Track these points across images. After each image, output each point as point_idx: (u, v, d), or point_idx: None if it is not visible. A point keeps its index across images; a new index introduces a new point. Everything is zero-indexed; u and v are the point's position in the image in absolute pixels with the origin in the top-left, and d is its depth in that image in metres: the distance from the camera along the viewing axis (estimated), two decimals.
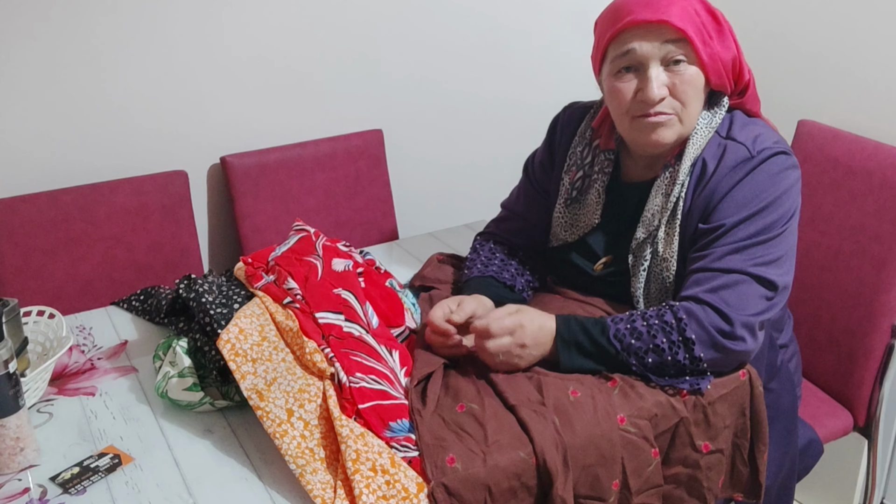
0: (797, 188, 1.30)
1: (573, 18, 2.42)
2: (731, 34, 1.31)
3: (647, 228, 1.35)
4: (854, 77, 1.98)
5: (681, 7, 1.25)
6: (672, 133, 1.30)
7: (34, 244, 1.88)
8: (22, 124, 1.88)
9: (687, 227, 1.32)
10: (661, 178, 1.34)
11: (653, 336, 1.23)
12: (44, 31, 1.84)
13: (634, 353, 1.23)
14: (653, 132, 1.30)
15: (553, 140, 1.52)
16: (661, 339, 1.22)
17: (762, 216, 1.25)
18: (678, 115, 1.29)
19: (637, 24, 1.25)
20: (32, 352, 1.40)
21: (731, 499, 1.33)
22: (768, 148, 1.28)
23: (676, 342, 1.22)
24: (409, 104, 2.33)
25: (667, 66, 1.27)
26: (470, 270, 1.48)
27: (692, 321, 1.22)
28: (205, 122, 2.07)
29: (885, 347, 1.66)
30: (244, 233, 2.11)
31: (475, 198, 2.42)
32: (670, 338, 1.22)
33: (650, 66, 1.26)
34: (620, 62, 1.29)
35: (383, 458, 1.09)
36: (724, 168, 1.29)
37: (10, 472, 1.15)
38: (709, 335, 1.21)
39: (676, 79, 1.27)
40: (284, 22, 2.08)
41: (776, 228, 1.26)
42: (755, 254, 1.25)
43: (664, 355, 1.22)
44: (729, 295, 1.23)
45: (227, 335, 1.23)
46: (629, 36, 1.27)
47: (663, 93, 1.27)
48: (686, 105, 1.29)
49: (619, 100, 1.30)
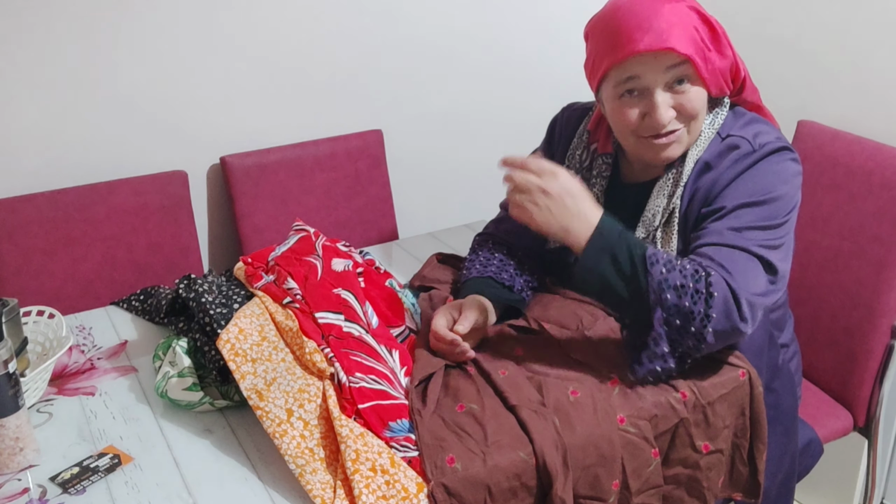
0: (798, 182, 1.30)
1: (572, 19, 2.41)
2: (726, 39, 1.30)
3: (647, 229, 1.35)
4: (854, 77, 1.98)
5: (681, 28, 1.23)
6: (681, 148, 1.32)
7: (34, 244, 1.88)
8: (22, 124, 1.88)
9: (687, 222, 1.32)
10: (664, 179, 1.34)
11: (682, 275, 1.18)
12: (43, 31, 1.84)
13: (656, 279, 1.18)
14: (662, 151, 1.31)
15: (552, 140, 1.53)
16: (688, 283, 1.18)
17: (764, 206, 1.25)
18: (687, 128, 1.30)
19: (637, 54, 1.24)
20: (32, 352, 1.40)
21: (730, 499, 1.33)
22: (770, 143, 1.29)
23: (701, 293, 1.18)
24: (409, 104, 2.32)
25: (670, 88, 1.27)
26: (468, 271, 1.48)
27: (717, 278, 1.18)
28: (205, 122, 2.07)
29: (885, 347, 1.66)
30: (244, 233, 2.11)
31: (475, 198, 2.42)
32: (698, 288, 1.18)
33: (656, 92, 1.26)
34: (624, 87, 1.28)
35: (383, 458, 1.09)
36: (727, 162, 1.29)
37: (10, 472, 1.15)
38: (727, 305, 1.18)
39: (682, 98, 1.27)
40: (284, 22, 2.08)
41: (777, 218, 1.26)
42: (758, 236, 1.24)
43: (683, 299, 1.18)
44: (734, 268, 1.20)
45: (226, 335, 1.23)
46: (631, 64, 1.26)
47: (671, 115, 1.27)
48: (694, 119, 1.29)
49: (625, 121, 1.30)
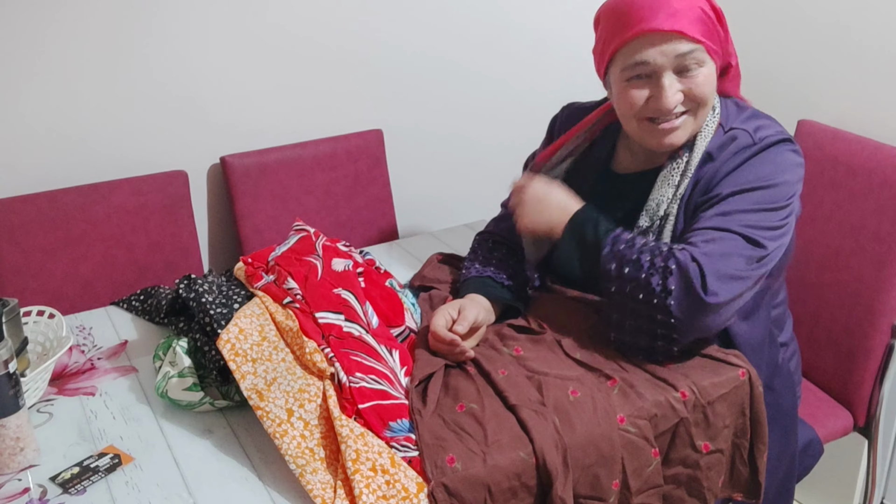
0: (800, 173, 1.30)
1: (575, 19, 2.42)
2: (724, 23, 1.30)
3: (652, 218, 1.34)
4: (854, 77, 1.98)
5: (692, 11, 1.23)
6: (685, 134, 1.31)
7: (34, 244, 1.88)
8: (22, 124, 1.88)
9: (686, 212, 1.32)
10: (669, 169, 1.33)
11: (640, 251, 1.24)
12: (43, 32, 1.84)
13: (616, 256, 1.25)
14: (665, 137, 1.30)
15: (552, 139, 1.53)
16: (645, 257, 1.23)
17: (759, 192, 1.25)
18: (693, 113, 1.29)
19: (649, 33, 1.23)
20: (32, 352, 1.40)
21: (730, 499, 1.33)
22: (771, 136, 1.29)
23: (658, 266, 1.21)
24: (409, 104, 2.32)
25: (679, 72, 1.26)
26: (468, 270, 1.48)
27: (682, 254, 1.21)
28: (205, 122, 2.07)
29: (885, 347, 1.66)
30: (244, 233, 2.11)
31: (475, 198, 2.42)
32: (654, 262, 1.22)
33: (664, 76, 1.26)
34: (632, 71, 1.27)
35: (383, 458, 1.09)
36: (727, 154, 1.29)
37: (10, 472, 1.15)
38: (685, 275, 1.20)
39: (691, 83, 1.26)
40: (283, 22, 2.08)
41: (777, 202, 1.26)
42: (748, 219, 1.24)
43: (641, 269, 1.22)
44: (711, 247, 1.22)
45: (226, 335, 1.23)
46: (640, 45, 1.25)
47: (679, 99, 1.27)
48: (702, 104, 1.29)
49: (630, 104, 1.30)
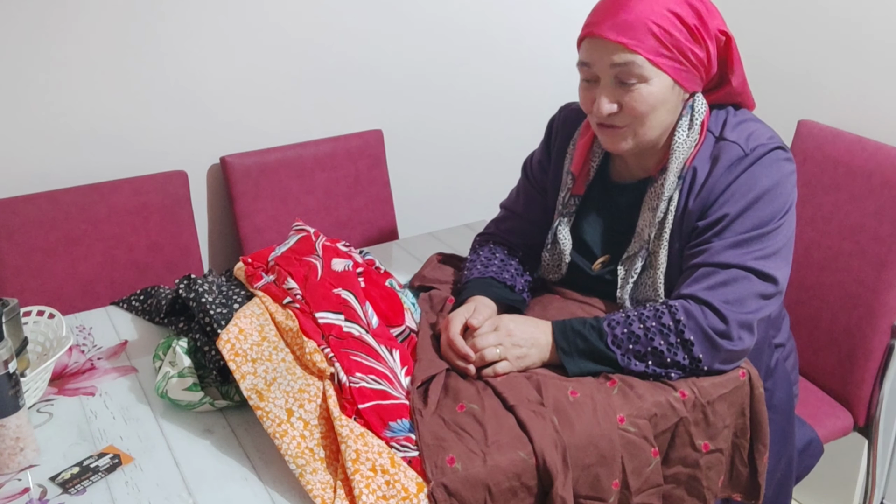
0: (792, 180, 1.29)
1: (574, 19, 2.41)
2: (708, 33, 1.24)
3: (640, 243, 1.35)
4: (854, 77, 1.98)
5: (643, 26, 1.20)
6: (627, 144, 1.31)
7: (34, 244, 1.88)
8: (22, 124, 1.88)
9: (682, 231, 1.32)
10: (648, 194, 1.34)
11: (650, 339, 1.23)
12: (43, 33, 1.84)
13: (634, 356, 1.23)
14: (609, 140, 1.32)
15: (550, 140, 1.53)
16: (658, 341, 1.22)
17: (759, 208, 1.25)
18: (631, 127, 1.28)
19: (594, 37, 1.24)
20: (32, 352, 1.40)
21: (730, 499, 1.33)
22: (763, 144, 1.28)
23: (675, 344, 1.22)
24: (409, 104, 2.32)
25: (619, 82, 1.25)
26: (470, 271, 1.48)
27: (690, 322, 1.22)
28: (205, 123, 2.07)
29: (885, 347, 1.66)
30: (244, 233, 2.11)
31: (475, 198, 2.42)
32: (668, 340, 1.22)
33: (601, 82, 1.26)
34: (580, 70, 1.30)
35: (383, 458, 1.09)
36: (720, 169, 1.28)
37: (10, 472, 1.15)
38: (706, 336, 1.22)
39: (627, 96, 1.25)
40: (284, 22, 2.08)
41: (774, 222, 1.26)
42: (754, 247, 1.25)
43: (664, 357, 1.23)
44: (728, 292, 1.23)
45: (226, 335, 1.23)
46: (586, 47, 1.27)
47: (612, 109, 1.26)
48: (640, 119, 1.27)
49: (582, 103, 1.33)
